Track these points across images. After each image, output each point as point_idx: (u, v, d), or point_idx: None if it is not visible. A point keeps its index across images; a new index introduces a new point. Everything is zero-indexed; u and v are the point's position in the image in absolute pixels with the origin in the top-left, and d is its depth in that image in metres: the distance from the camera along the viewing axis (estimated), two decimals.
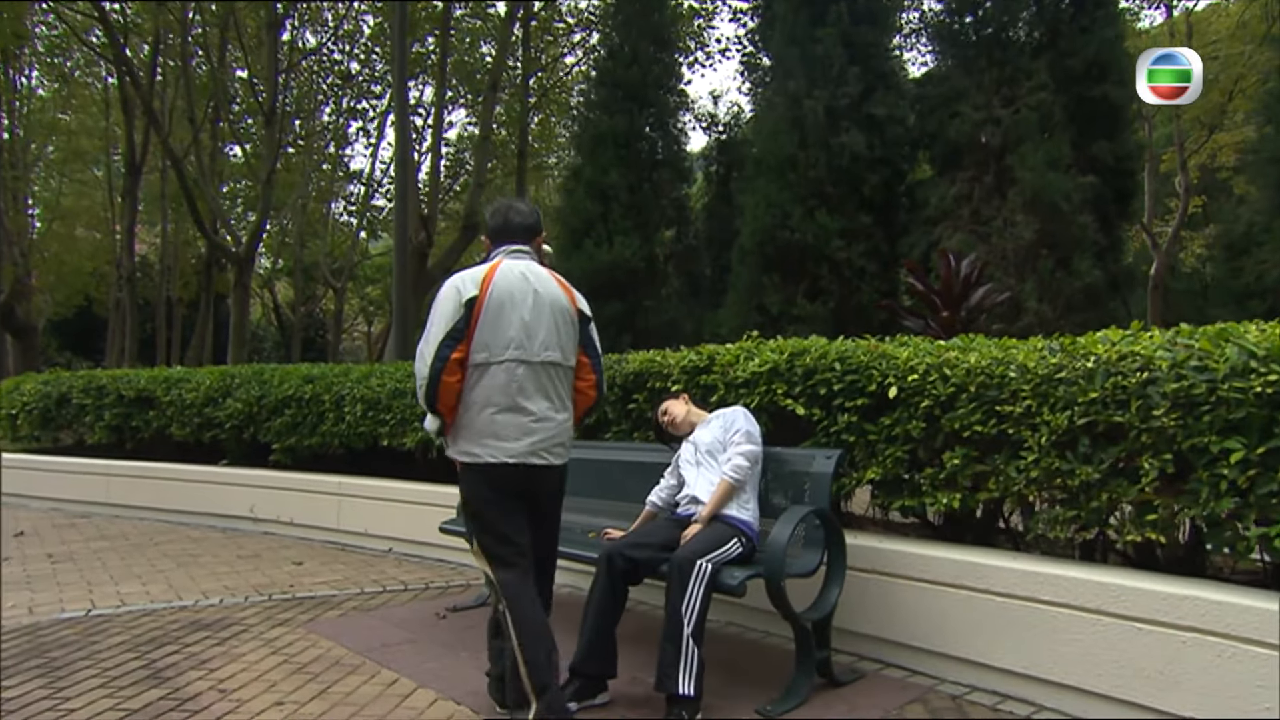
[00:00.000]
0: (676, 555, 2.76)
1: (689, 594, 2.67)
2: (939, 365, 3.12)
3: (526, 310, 2.59)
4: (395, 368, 6.04)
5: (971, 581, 2.92)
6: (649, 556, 2.92)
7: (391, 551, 5.69)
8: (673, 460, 3.49)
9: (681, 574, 2.69)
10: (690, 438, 3.36)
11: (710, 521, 3.01)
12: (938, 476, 3.15)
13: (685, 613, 2.66)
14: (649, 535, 3.04)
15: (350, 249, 23.94)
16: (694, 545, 2.81)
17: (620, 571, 2.86)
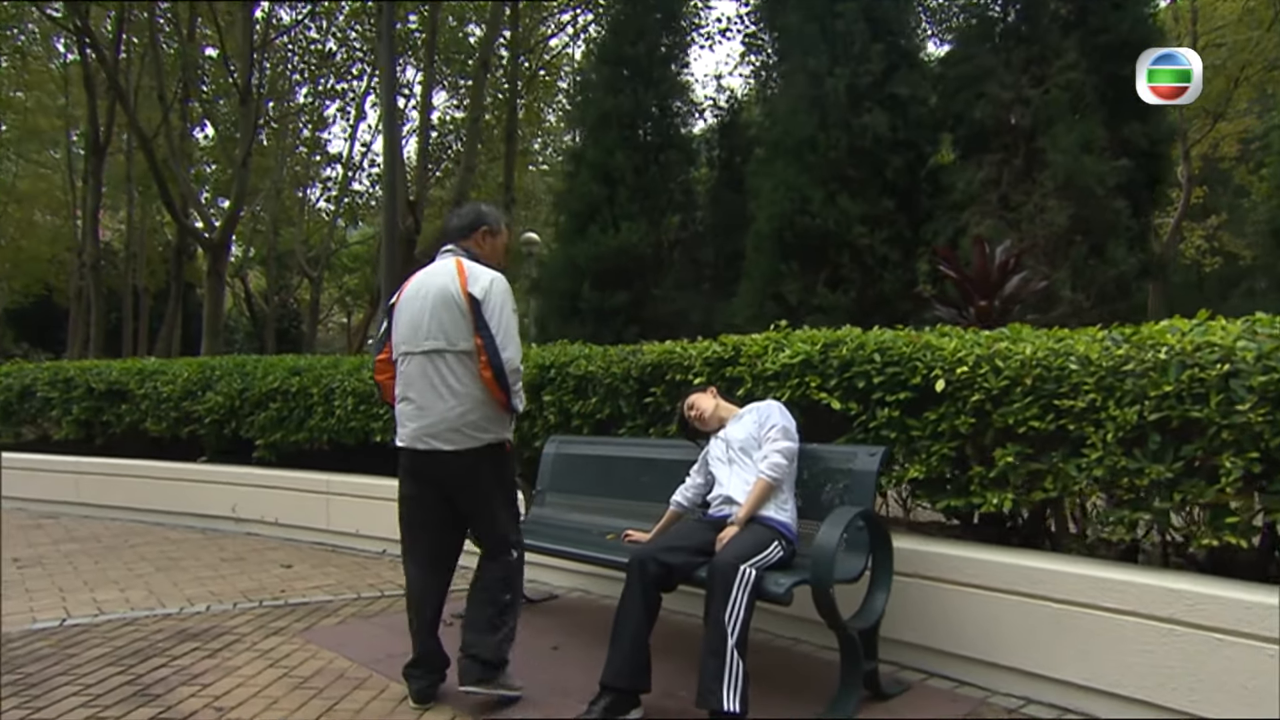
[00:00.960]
0: (717, 560, 2.65)
1: (732, 602, 2.56)
2: (990, 357, 3.03)
3: (416, 304, 2.89)
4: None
5: (1025, 587, 2.83)
6: (683, 561, 2.81)
7: (385, 554, 5.53)
8: (699, 458, 3.37)
9: (724, 580, 2.57)
10: (720, 434, 3.25)
11: (748, 524, 2.90)
12: (987, 475, 3.05)
13: (729, 622, 2.55)
14: (682, 538, 2.92)
15: (327, 236, 23.60)
16: (734, 549, 2.70)
17: (653, 578, 2.74)
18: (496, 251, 3.12)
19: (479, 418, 2.80)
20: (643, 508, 3.86)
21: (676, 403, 4.09)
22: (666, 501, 3.77)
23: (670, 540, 2.90)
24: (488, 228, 3.07)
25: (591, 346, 4.84)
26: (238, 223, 15.97)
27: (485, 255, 3.03)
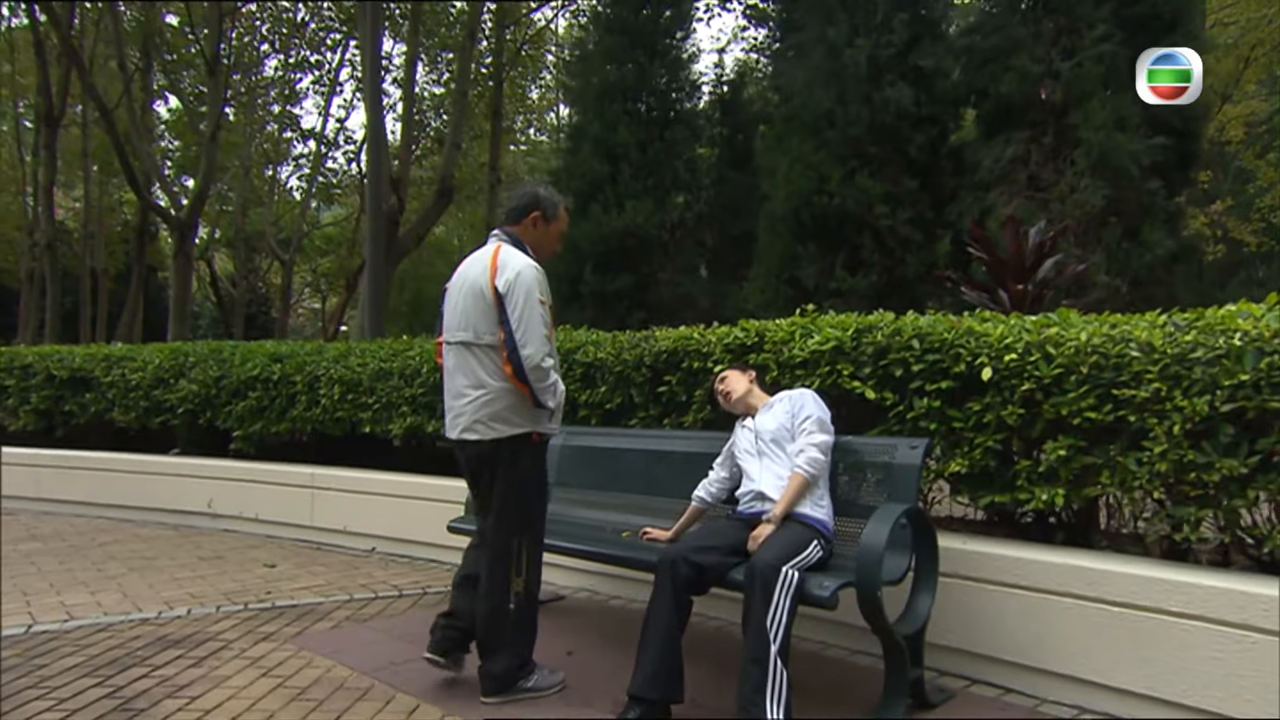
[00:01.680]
0: (756, 561, 2.55)
1: (775, 607, 2.47)
2: (1040, 343, 2.95)
3: (454, 293, 2.99)
4: (378, 346, 5.74)
5: (1079, 588, 2.76)
6: (716, 562, 2.71)
7: (375, 551, 5.42)
8: (724, 450, 3.27)
9: (765, 583, 2.48)
10: (748, 423, 3.15)
11: (784, 522, 2.80)
12: (1035, 470, 2.97)
13: (771, 628, 2.46)
14: (713, 537, 2.81)
15: (299, 217, 23.22)
16: (773, 549, 2.61)
17: (684, 580, 2.64)
18: (549, 239, 3.06)
19: (503, 408, 2.82)
20: (656, 503, 3.77)
21: (694, 392, 4.03)
22: (681, 496, 3.67)
23: (701, 539, 2.79)
24: (540, 213, 3.01)
25: (598, 332, 4.72)
26: (206, 201, 15.62)
27: (534, 242, 3.00)
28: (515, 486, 2.88)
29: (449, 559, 5.06)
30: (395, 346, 5.57)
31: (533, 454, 2.90)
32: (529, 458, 2.88)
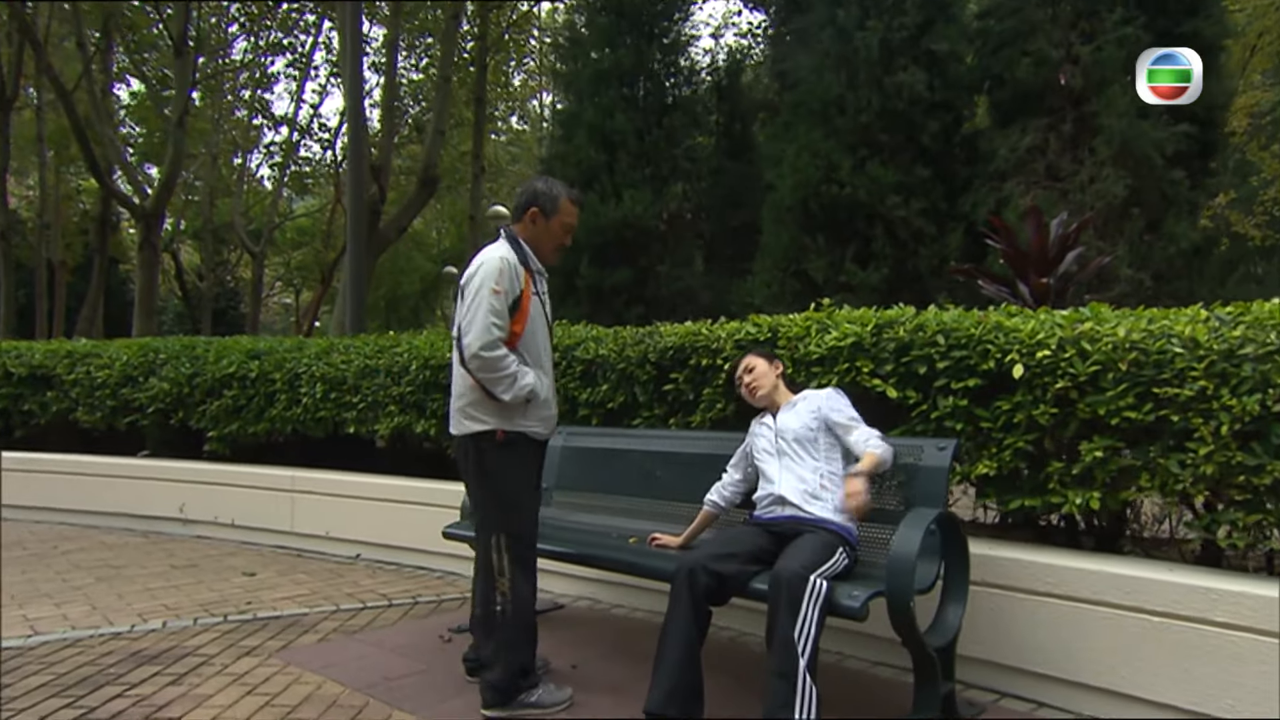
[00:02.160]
0: (782, 570, 2.47)
1: (803, 618, 2.40)
2: (1075, 339, 2.88)
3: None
4: (362, 342, 5.62)
5: (1117, 597, 2.71)
6: (737, 571, 2.63)
7: (360, 558, 5.30)
8: (738, 451, 3.18)
9: (792, 593, 2.40)
10: (768, 420, 3.08)
11: (812, 528, 2.74)
12: (1068, 472, 2.91)
13: (799, 640, 2.38)
14: (733, 544, 2.73)
15: (270, 208, 22.90)
16: (799, 557, 2.55)
17: (704, 590, 2.57)
18: (550, 235, 3.01)
19: (468, 404, 2.89)
20: (661, 507, 3.71)
21: (702, 390, 3.95)
22: (689, 500, 3.60)
23: (720, 546, 2.70)
24: (537, 209, 2.99)
25: (598, 328, 4.63)
26: (174, 190, 15.33)
27: (532, 239, 2.99)
28: (484, 484, 2.90)
29: (438, 566, 4.96)
30: (381, 343, 5.45)
31: (500, 451, 2.87)
32: (494, 455, 2.87)
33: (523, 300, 2.87)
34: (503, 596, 2.84)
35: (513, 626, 2.84)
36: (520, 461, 2.92)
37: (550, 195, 3.01)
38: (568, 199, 3.03)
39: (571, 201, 3.04)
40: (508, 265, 2.85)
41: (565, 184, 3.12)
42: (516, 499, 2.92)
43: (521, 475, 2.94)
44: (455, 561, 4.76)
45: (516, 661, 2.83)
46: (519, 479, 2.93)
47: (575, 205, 3.05)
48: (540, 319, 2.99)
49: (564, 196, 3.03)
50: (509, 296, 2.82)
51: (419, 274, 25.78)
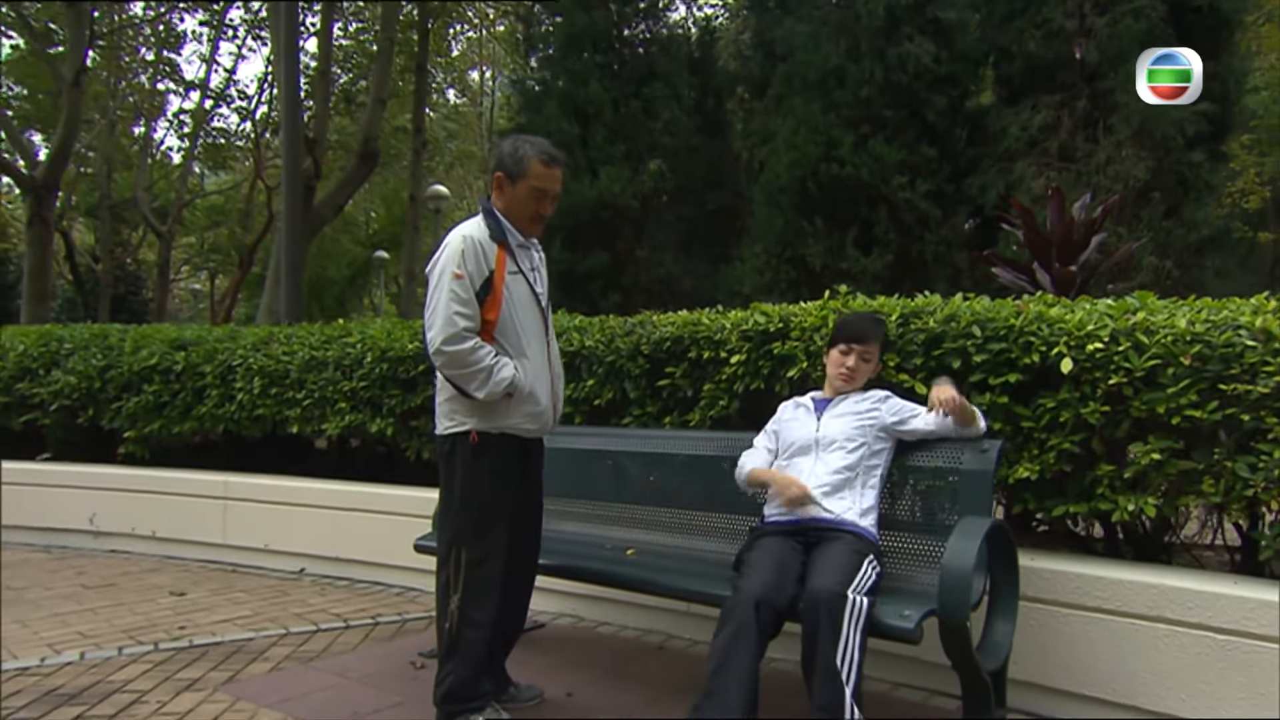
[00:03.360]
0: (818, 590, 2.37)
1: (845, 642, 2.30)
2: (1129, 331, 2.82)
3: None
4: (306, 331, 5.37)
5: (1177, 612, 2.65)
6: (792, 597, 2.49)
7: (304, 572, 5.06)
8: (767, 430, 3.06)
9: (831, 615, 2.31)
10: (810, 406, 2.98)
11: (841, 534, 2.65)
12: (1119, 475, 2.85)
13: (843, 668, 2.27)
14: (781, 567, 2.55)
15: (179, 183, 21.98)
16: (833, 572, 2.43)
17: (771, 625, 2.40)
18: (520, 200, 2.81)
19: (444, 400, 2.82)
20: (653, 514, 3.60)
21: (702, 385, 3.81)
22: (685, 507, 3.51)
23: (772, 572, 2.51)
24: (501, 174, 2.81)
25: (581, 316, 4.47)
26: (69, 159, 14.56)
27: (504, 209, 2.83)
28: (450, 489, 2.82)
29: (396, 580, 4.75)
30: (329, 332, 5.21)
31: (472, 455, 2.75)
32: (465, 459, 2.76)
33: (495, 281, 2.71)
34: (452, 615, 2.73)
35: (459, 647, 2.71)
36: (495, 468, 2.77)
37: (515, 156, 2.78)
38: (537, 158, 2.77)
39: (543, 161, 2.78)
40: (471, 244, 2.70)
41: (540, 141, 2.86)
42: (484, 511, 2.76)
43: (494, 484, 2.77)
44: (415, 575, 4.55)
45: (459, 683, 2.71)
46: (490, 488, 2.76)
47: (549, 165, 2.79)
48: (524, 300, 2.82)
49: (532, 156, 2.78)
50: (475, 279, 2.67)
51: (346, 259, 25.14)
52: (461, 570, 2.72)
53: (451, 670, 2.72)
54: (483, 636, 2.73)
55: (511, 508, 2.82)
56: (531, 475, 2.97)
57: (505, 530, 2.79)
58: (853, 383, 2.95)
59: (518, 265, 2.81)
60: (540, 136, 3.02)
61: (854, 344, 2.94)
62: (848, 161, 7.47)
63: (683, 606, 3.81)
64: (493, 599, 2.75)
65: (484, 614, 2.72)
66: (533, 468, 2.97)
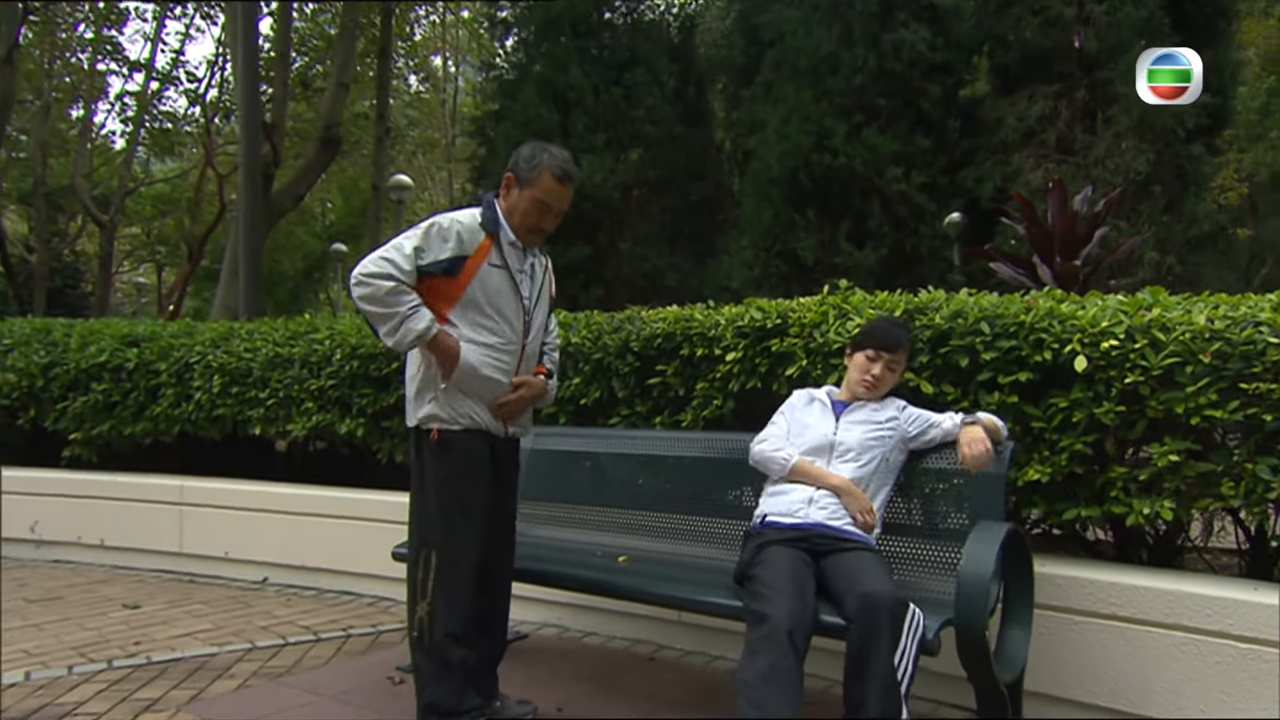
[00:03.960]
0: (879, 594, 2.30)
1: (903, 650, 2.26)
2: (1145, 328, 2.81)
3: None
4: (270, 326, 5.25)
5: (1197, 620, 2.65)
6: (816, 615, 2.44)
7: (268, 582, 4.95)
8: (781, 420, 3.00)
9: (894, 620, 2.25)
10: (826, 402, 2.95)
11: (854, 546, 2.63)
12: (1134, 478, 2.84)
13: (903, 679, 2.24)
14: (802, 584, 2.47)
15: (122, 170, 21.45)
16: (883, 579, 2.41)
17: (803, 655, 2.31)
18: (520, 210, 2.80)
19: (410, 392, 2.83)
20: (642, 519, 3.55)
21: (695, 384, 3.76)
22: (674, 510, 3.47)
23: (797, 597, 2.41)
24: (512, 175, 2.81)
25: (564, 312, 4.39)
26: (1, 142, 14.13)
27: (507, 211, 2.83)
28: (419, 486, 2.81)
29: (367, 590, 4.66)
30: (294, 328, 5.10)
31: (434, 450, 2.75)
32: (430, 453, 2.76)
33: (468, 263, 2.70)
34: (420, 623, 2.70)
35: (428, 658, 2.67)
36: (462, 463, 2.74)
37: (531, 162, 2.78)
38: (551, 171, 2.77)
39: (556, 175, 2.78)
40: (451, 224, 2.72)
41: (561, 154, 2.82)
42: (453, 510, 2.72)
43: (462, 481, 2.74)
44: (389, 585, 4.48)
45: (431, 701, 2.66)
46: (458, 485, 2.73)
47: (561, 180, 2.79)
48: (501, 292, 2.77)
49: (546, 168, 2.77)
50: (435, 253, 2.68)
51: (301, 251, 24.73)
52: (430, 574, 2.69)
53: (429, 683, 2.67)
54: (455, 644, 2.66)
55: (483, 507, 2.77)
56: (503, 476, 2.91)
57: (477, 531, 2.74)
58: (875, 392, 2.91)
59: (503, 260, 2.77)
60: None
61: (883, 352, 2.88)
62: (841, 152, 7.45)
63: (673, 615, 3.76)
64: (463, 605, 2.70)
65: (453, 620, 2.67)
66: (503, 469, 2.91)
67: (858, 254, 7.31)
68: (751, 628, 2.34)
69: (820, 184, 7.57)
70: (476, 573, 2.72)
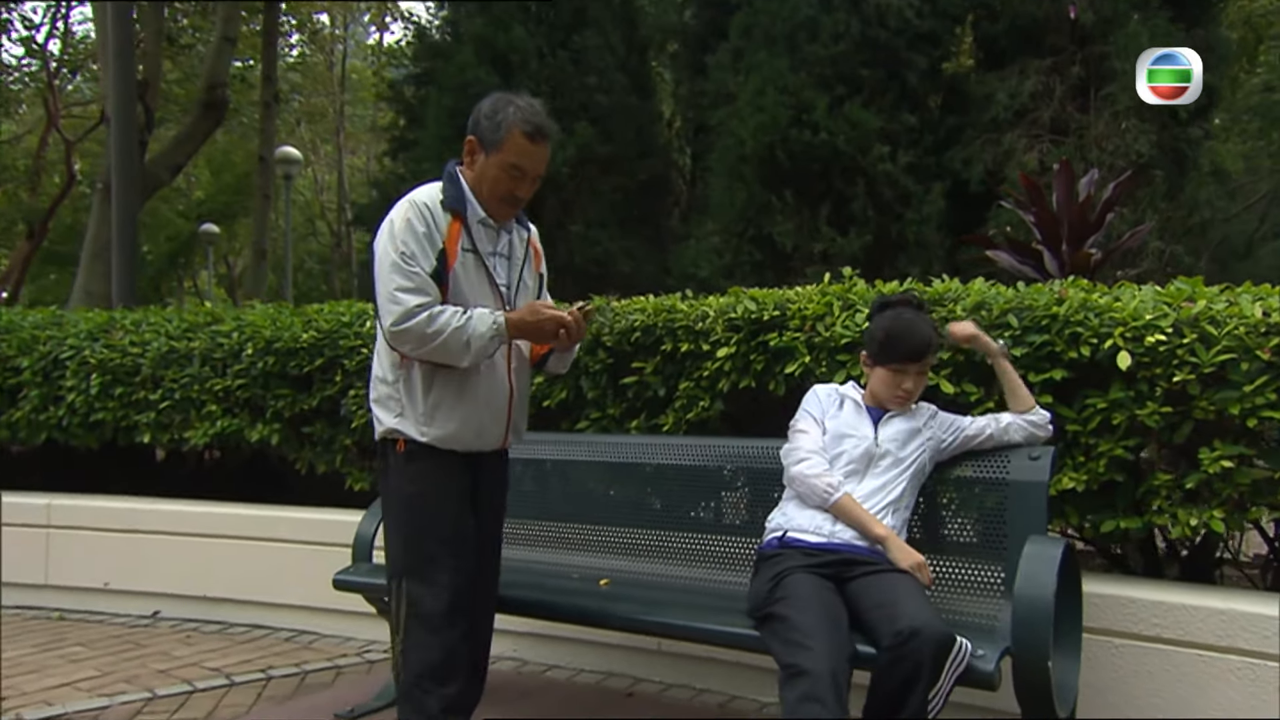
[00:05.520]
0: (924, 627, 2.19)
1: (940, 688, 2.19)
2: (1193, 320, 2.78)
3: None
4: (161, 317, 4.93)
5: (1253, 643, 2.64)
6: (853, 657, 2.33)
7: (159, 616, 4.63)
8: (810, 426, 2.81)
9: (938, 657, 2.17)
10: (859, 405, 2.83)
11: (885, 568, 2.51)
12: (1180, 486, 2.82)
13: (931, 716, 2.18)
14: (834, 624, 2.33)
15: None
16: (925, 607, 2.31)
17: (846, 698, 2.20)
18: (489, 178, 2.55)
19: (375, 397, 2.67)
20: (615, 536, 3.43)
21: (677, 384, 3.63)
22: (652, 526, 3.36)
23: (833, 636, 2.29)
24: (474, 138, 2.57)
25: None
26: None
27: (473, 182, 2.60)
28: (385, 507, 2.73)
29: (286, 623, 4.39)
30: (192, 318, 4.80)
31: (400, 464, 2.60)
32: (395, 468, 2.61)
33: (446, 259, 2.50)
34: (395, 661, 2.60)
35: (401, 704, 2.56)
36: (431, 480, 2.57)
37: (494, 121, 2.51)
38: (520, 128, 2.50)
39: (527, 133, 2.50)
40: (417, 213, 2.51)
41: (530, 105, 2.56)
42: (422, 534, 2.57)
43: (433, 503, 2.58)
44: (310, 616, 4.27)
45: None
46: (427, 507, 2.58)
47: (533, 139, 2.52)
48: (477, 288, 2.57)
49: (514, 124, 2.50)
50: (430, 252, 2.48)
51: (165, 232, 23.57)
52: (402, 606, 2.55)
53: None
54: (427, 688, 2.49)
55: (457, 531, 2.60)
56: (485, 496, 2.73)
57: (451, 558, 2.56)
58: (909, 403, 2.81)
59: (473, 243, 2.57)
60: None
61: (910, 363, 2.73)
62: (822, 127, 7.35)
63: (651, 644, 3.64)
64: (436, 643, 2.52)
65: (423, 661, 2.50)
66: (486, 487, 2.74)
67: (841, 240, 7.24)
68: (787, 683, 2.19)
69: (799, 162, 7.44)
70: (450, 607, 2.53)
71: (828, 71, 7.57)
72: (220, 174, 24.17)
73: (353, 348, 4.17)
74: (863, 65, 7.66)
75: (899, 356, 2.71)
